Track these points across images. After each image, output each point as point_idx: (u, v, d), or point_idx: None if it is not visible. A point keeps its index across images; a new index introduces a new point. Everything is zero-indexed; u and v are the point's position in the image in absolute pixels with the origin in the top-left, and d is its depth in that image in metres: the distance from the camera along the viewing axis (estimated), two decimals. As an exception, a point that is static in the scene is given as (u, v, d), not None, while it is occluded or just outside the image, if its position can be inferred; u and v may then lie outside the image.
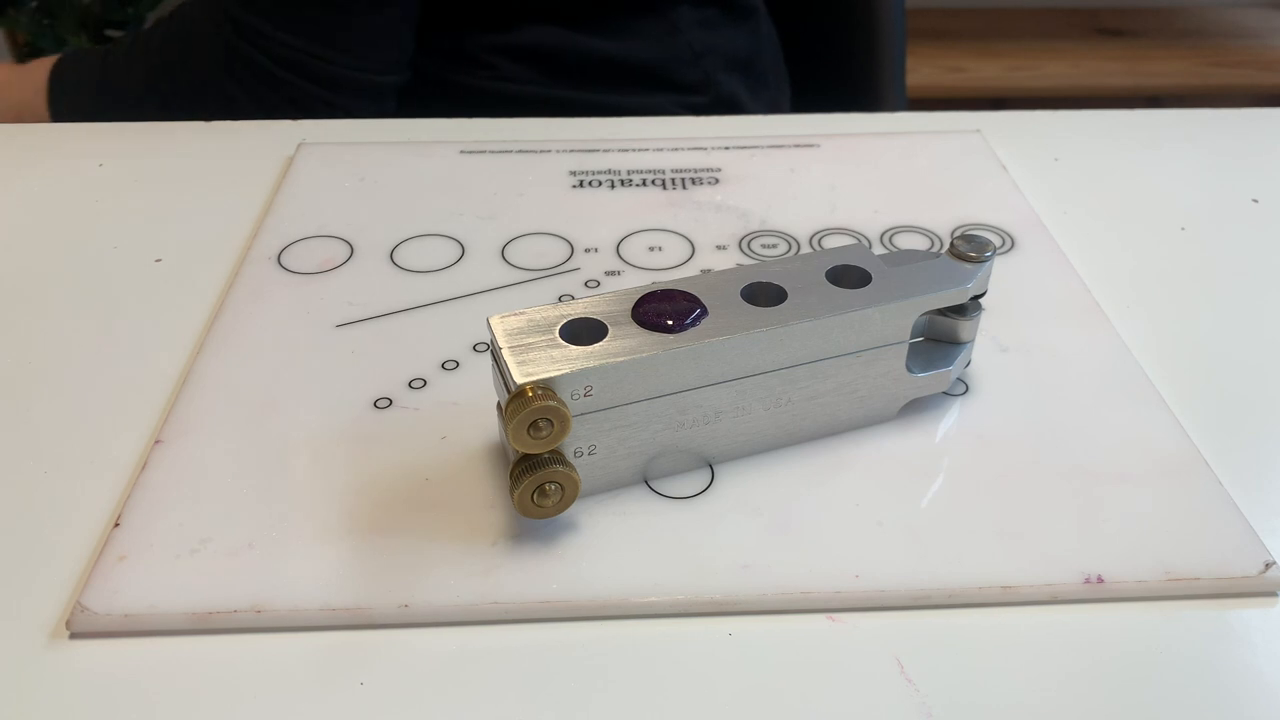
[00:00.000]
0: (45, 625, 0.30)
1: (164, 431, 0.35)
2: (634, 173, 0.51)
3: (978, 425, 0.36)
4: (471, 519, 0.32)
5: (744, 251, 0.46)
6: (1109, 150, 0.55)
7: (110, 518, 0.32)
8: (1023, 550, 0.31)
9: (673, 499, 0.33)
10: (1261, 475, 0.35)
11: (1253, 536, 0.32)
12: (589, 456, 0.32)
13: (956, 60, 1.65)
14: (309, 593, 0.30)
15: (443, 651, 0.29)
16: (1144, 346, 0.40)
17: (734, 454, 0.34)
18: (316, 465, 0.34)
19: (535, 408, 0.29)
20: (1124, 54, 1.69)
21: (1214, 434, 0.36)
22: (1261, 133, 0.58)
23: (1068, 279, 0.44)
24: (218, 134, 0.57)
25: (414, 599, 0.30)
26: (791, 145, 0.54)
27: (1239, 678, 0.29)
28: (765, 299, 0.33)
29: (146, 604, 0.30)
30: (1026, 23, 1.77)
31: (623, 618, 0.30)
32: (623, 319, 0.32)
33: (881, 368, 0.34)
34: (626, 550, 0.31)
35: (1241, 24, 1.79)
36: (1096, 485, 0.34)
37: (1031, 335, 0.40)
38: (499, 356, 0.31)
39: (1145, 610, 0.30)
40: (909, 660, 0.29)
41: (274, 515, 0.32)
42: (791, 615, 0.30)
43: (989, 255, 0.35)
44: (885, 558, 0.31)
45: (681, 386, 0.32)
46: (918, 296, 0.33)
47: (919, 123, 0.57)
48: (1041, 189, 0.51)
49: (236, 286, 0.43)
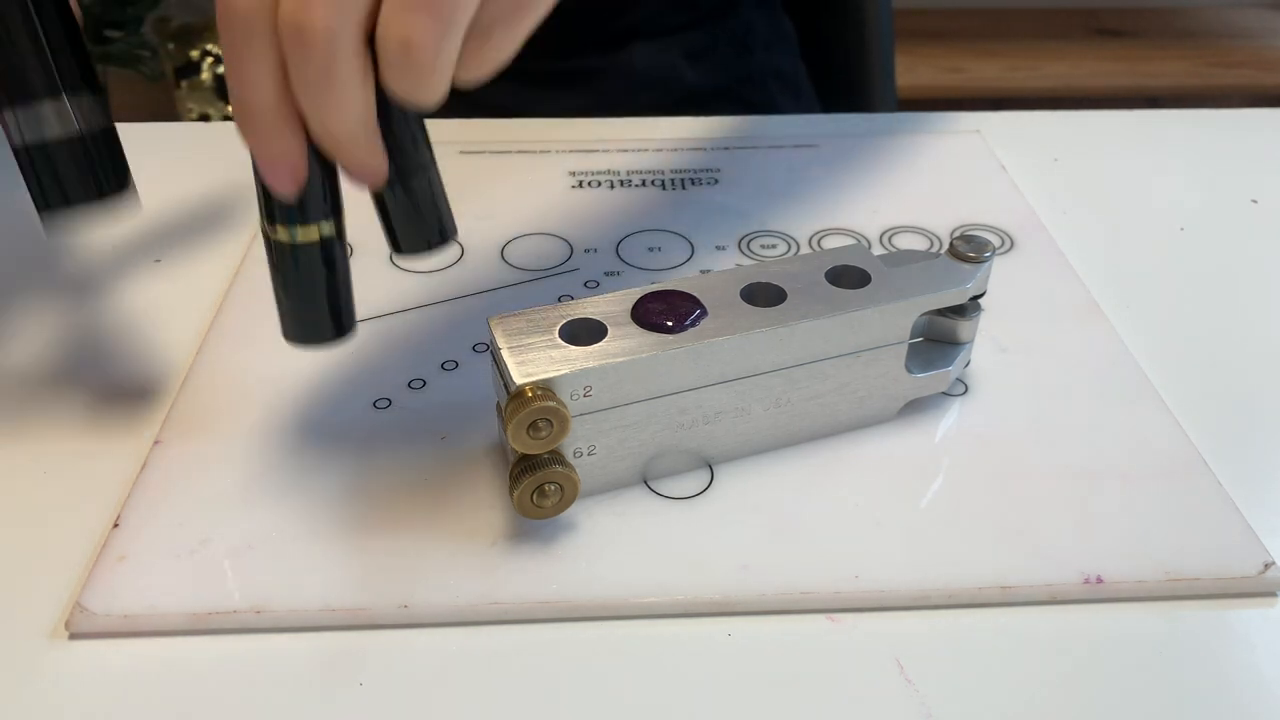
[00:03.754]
0: (45, 625, 0.30)
1: (164, 432, 0.35)
2: (634, 173, 0.51)
3: (977, 425, 0.36)
4: (471, 519, 0.32)
5: (743, 251, 0.46)
6: (1109, 150, 0.55)
7: (110, 518, 0.32)
8: (1022, 550, 0.31)
9: (672, 499, 0.33)
10: (1261, 475, 0.35)
11: (1252, 537, 0.32)
12: (589, 457, 0.32)
13: (956, 60, 1.65)
14: (309, 593, 0.30)
15: (443, 651, 0.29)
16: (1144, 346, 0.40)
17: (734, 454, 0.34)
18: (316, 465, 0.34)
19: (535, 408, 0.29)
20: (1124, 54, 1.69)
21: (1214, 434, 0.36)
22: (1261, 133, 0.58)
23: (1067, 279, 0.44)
24: (218, 134, 0.57)
25: (414, 599, 0.30)
26: (791, 145, 0.54)
27: (1239, 678, 0.29)
28: (765, 299, 0.33)
29: (146, 604, 0.30)
30: (1026, 23, 1.77)
31: (622, 618, 0.30)
32: (622, 319, 0.32)
33: (881, 368, 0.34)
34: (626, 550, 0.31)
35: (1241, 24, 1.79)
36: (1096, 485, 0.34)
37: (1031, 335, 0.40)
38: (498, 357, 0.31)
39: (1145, 610, 0.30)
40: (909, 660, 0.29)
41: (274, 515, 0.32)
42: (791, 615, 0.30)
43: (988, 255, 0.35)
44: (885, 558, 0.31)
45: (681, 387, 0.32)
46: (917, 297, 0.33)
47: (919, 123, 0.57)
48: (1041, 189, 0.51)
49: (236, 286, 0.43)
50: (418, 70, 0.25)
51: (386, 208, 0.31)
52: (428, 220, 0.31)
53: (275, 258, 0.30)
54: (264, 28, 0.25)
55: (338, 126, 0.26)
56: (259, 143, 0.27)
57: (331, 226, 0.30)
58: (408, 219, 0.31)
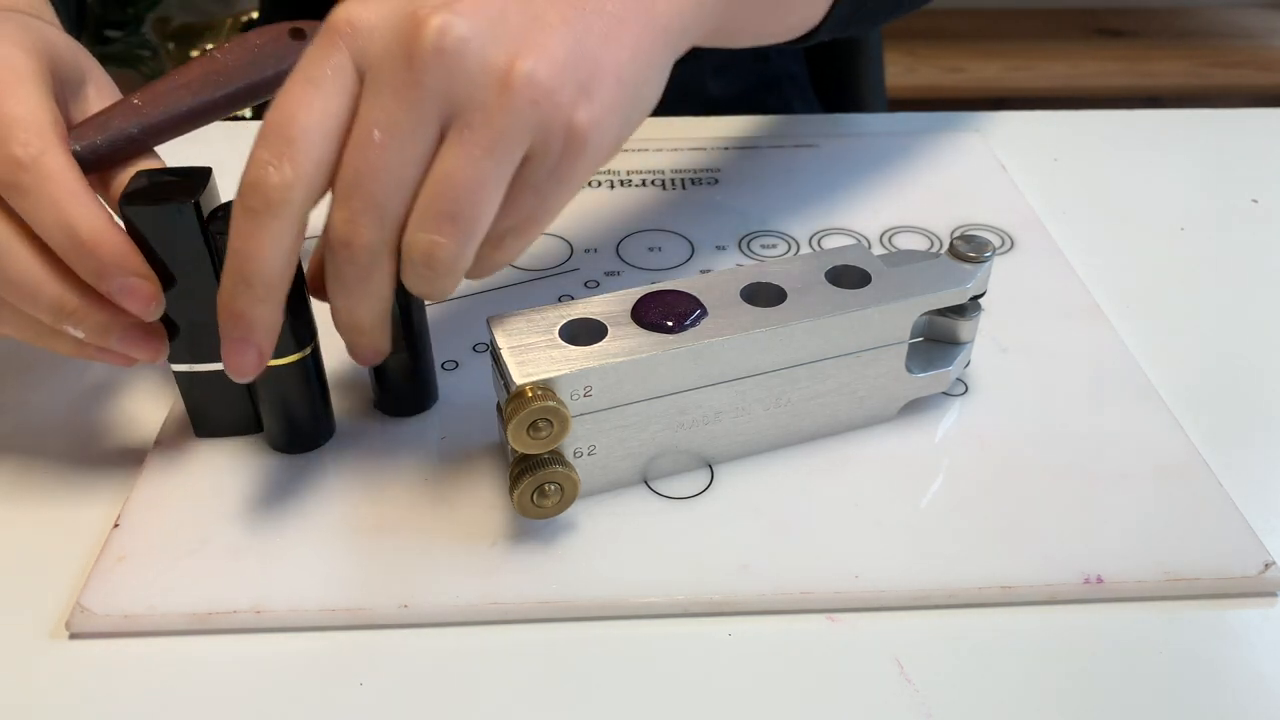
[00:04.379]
0: (45, 625, 0.30)
1: (163, 432, 0.35)
2: (634, 173, 0.51)
3: (978, 425, 0.36)
4: (471, 519, 0.32)
5: (744, 251, 0.46)
6: (1109, 150, 0.55)
7: (110, 518, 0.32)
8: (1022, 550, 0.31)
9: (672, 499, 0.33)
10: (1261, 475, 0.35)
11: (1252, 537, 0.32)
12: (589, 457, 0.32)
13: (956, 60, 1.65)
14: (309, 593, 0.30)
15: (443, 651, 0.29)
16: (1144, 346, 0.40)
17: (734, 454, 0.34)
18: (316, 466, 0.34)
19: (535, 408, 0.29)
20: (1124, 54, 1.69)
21: (1214, 434, 0.36)
22: (1261, 133, 0.58)
23: (1067, 279, 0.44)
24: (218, 134, 0.57)
25: (414, 599, 0.30)
26: (791, 145, 0.54)
27: (1239, 678, 0.29)
28: (765, 299, 0.33)
29: (146, 604, 0.30)
30: (1026, 23, 1.77)
31: (623, 618, 0.30)
32: (622, 319, 0.32)
33: (881, 368, 0.34)
34: (626, 550, 0.31)
35: (1241, 24, 1.79)
36: (1096, 485, 0.34)
37: (1031, 335, 0.40)
38: (499, 357, 0.31)
39: (1145, 610, 0.30)
40: (909, 660, 0.29)
41: (273, 515, 0.32)
42: (791, 615, 0.30)
43: (988, 255, 0.35)
44: (885, 558, 0.31)
45: (681, 387, 0.32)
46: (917, 297, 0.33)
47: (919, 123, 0.57)
48: (1041, 189, 0.51)
49: (236, 287, 0.43)
50: (435, 276, 0.28)
51: (382, 377, 0.36)
52: (416, 394, 0.36)
53: (259, 380, 0.33)
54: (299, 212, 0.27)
55: (363, 318, 0.29)
56: (259, 310, 0.28)
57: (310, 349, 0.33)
58: (397, 391, 0.36)
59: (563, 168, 0.28)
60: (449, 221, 0.27)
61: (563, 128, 0.27)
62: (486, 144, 0.26)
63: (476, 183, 0.27)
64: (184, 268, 0.31)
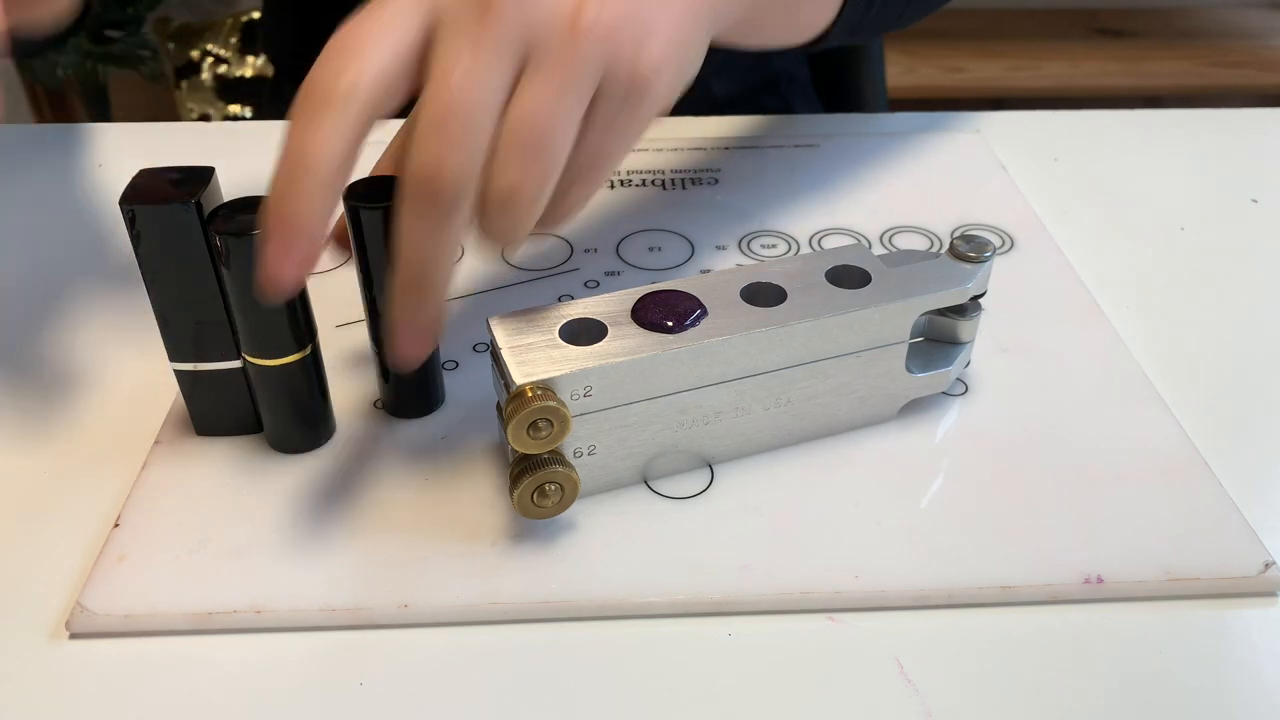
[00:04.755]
0: (45, 625, 0.30)
1: (164, 432, 0.35)
2: (634, 173, 0.51)
3: (977, 425, 0.36)
4: (471, 519, 0.32)
5: (744, 251, 0.46)
6: (1109, 150, 0.55)
7: (110, 518, 0.32)
8: (1022, 550, 0.31)
9: (672, 499, 0.33)
10: (1261, 475, 0.35)
11: (1252, 536, 0.32)
12: (589, 456, 0.32)
13: (956, 60, 1.65)
14: (309, 593, 0.30)
15: (443, 651, 0.29)
16: (1144, 346, 0.40)
17: (734, 454, 0.34)
18: (316, 465, 0.34)
19: (535, 408, 0.29)
20: (1124, 54, 1.69)
21: (1214, 434, 0.36)
22: (1261, 133, 0.58)
23: (1067, 279, 0.44)
24: (218, 134, 0.57)
25: (414, 599, 0.30)
26: (791, 145, 0.54)
27: (1239, 678, 0.29)
28: (765, 299, 0.33)
29: (146, 604, 0.30)
30: (1026, 23, 1.77)
31: (623, 618, 0.30)
32: (622, 319, 0.32)
33: (881, 368, 0.34)
34: (626, 550, 0.31)
35: (1241, 24, 1.79)
36: (1096, 485, 0.34)
37: (1031, 335, 0.40)
38: (499, 357, 0.31)
39: (1145, 610, 0.30)
40: (909, 660, 0.29)
41: (273, 516, 0.32)
42: (791, 615, 0.30)
43: (988, 255, 0.35)
44: (885, 558, 0.31)
45: (681, 387, 0.32)
46: (917, 296, 0.33)
47: (919, 123, 0.57)
48: (1041, 189, 0.51)
49: (236, 287, 0.43)
50: (515, 217, 0.29)
51: (393, 378, 0.35)
52: (426, 395, 0.36)
53: (259, 380, 0.33)
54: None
55: (434, 272, 0.29)
56: (307, 206, 0.27)
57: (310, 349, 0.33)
58: (408, 392, 0.36)
59: (628, 108, 0.29)
60: (531, 157, 0.28)
61: (627, 69, 0.29)
62: (560, 81, 0.28)
63: (556, 117, 0.28)
64: (185, 267, 0.31)
